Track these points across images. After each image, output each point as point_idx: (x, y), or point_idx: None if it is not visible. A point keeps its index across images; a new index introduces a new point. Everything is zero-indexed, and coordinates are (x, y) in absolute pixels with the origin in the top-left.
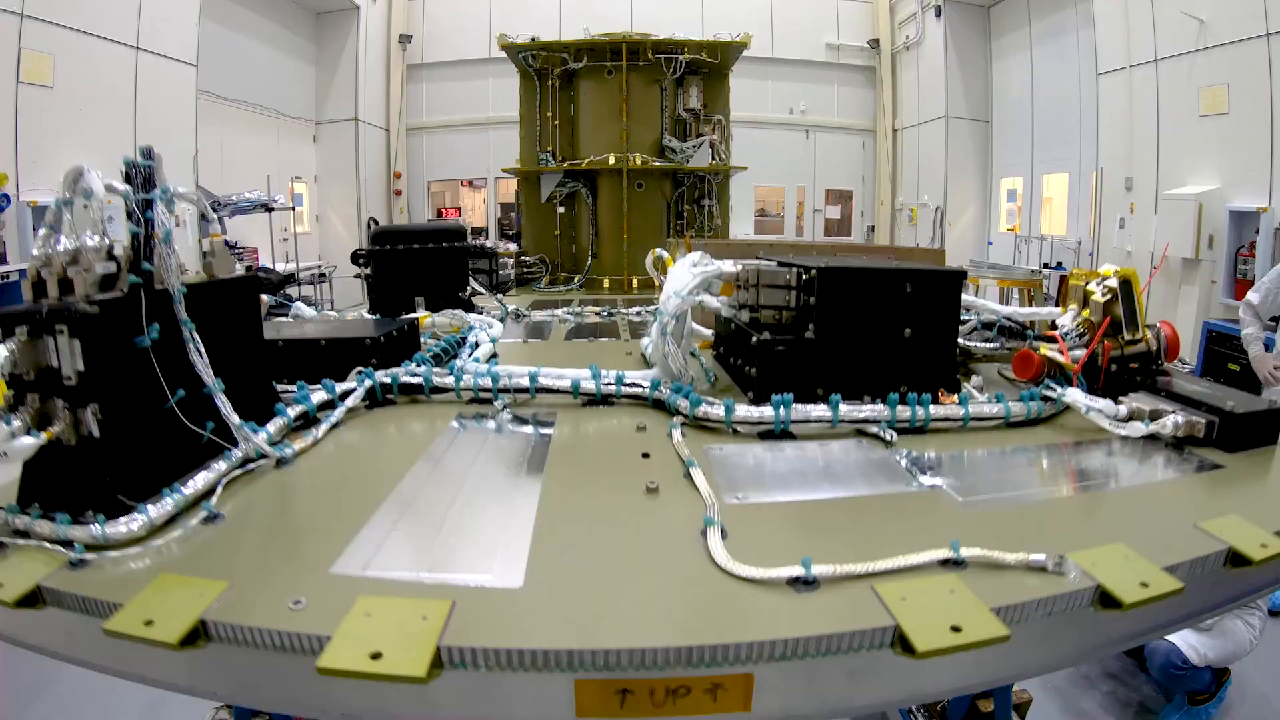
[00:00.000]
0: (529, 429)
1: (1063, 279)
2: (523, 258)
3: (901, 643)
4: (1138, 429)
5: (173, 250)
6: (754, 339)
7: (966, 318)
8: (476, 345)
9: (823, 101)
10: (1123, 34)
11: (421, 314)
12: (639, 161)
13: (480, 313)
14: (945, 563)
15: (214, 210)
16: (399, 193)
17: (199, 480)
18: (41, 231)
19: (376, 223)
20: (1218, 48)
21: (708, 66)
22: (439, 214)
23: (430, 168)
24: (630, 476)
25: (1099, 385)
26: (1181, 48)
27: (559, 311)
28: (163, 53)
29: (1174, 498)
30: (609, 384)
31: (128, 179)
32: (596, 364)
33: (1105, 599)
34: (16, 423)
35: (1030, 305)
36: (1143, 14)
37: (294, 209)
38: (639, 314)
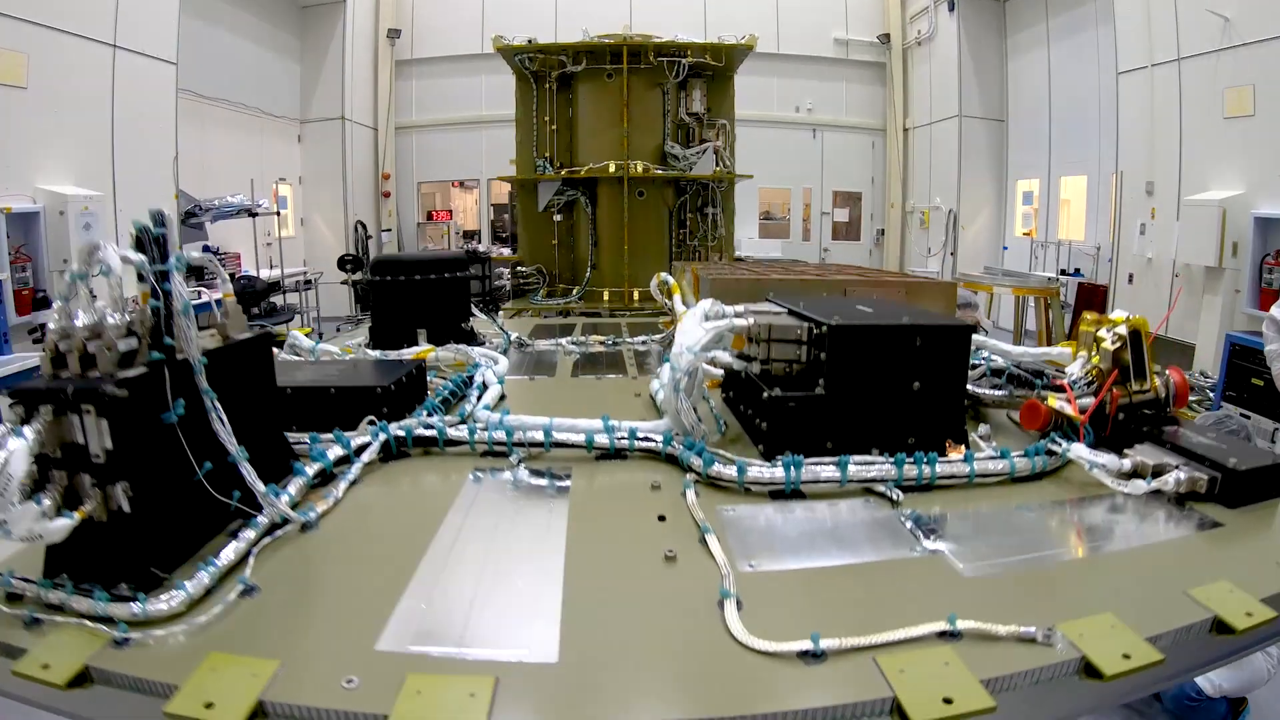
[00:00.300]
0: (545, 483)
1: (1075, 322)
2: (519, 268)
3: (899, 713)
4: (1140, 486)
5: (192, 321)
6: (765, 394)
7: (977, 361)
8: (484, 386)
9: (830, 99)
10: (1144, 31)
11: (424, 348)
12: (640, 169)
13: (483, 343)
14: (943, 634)
15: (195, 215)
16: (387, 195)
17: (230, 551)
18: (57, 304)
19: (364, 226)
20: (1243, 47)
21: (711, 69)
22: (429, 217)
23: (420, 168)
24: (649, 542)
25: (1106, 433)
26: (1205, 46)
27: (563, 341)
28: (141, 50)
29: (1170, 560)
30: (622, 438)
31: (139, 245)
32: (608, 415)
33: (1089, 669)
34: (47, 502)
35: (1047, 313)
36: (1165, 11)
37: (278, 213)
38: (644, 343)
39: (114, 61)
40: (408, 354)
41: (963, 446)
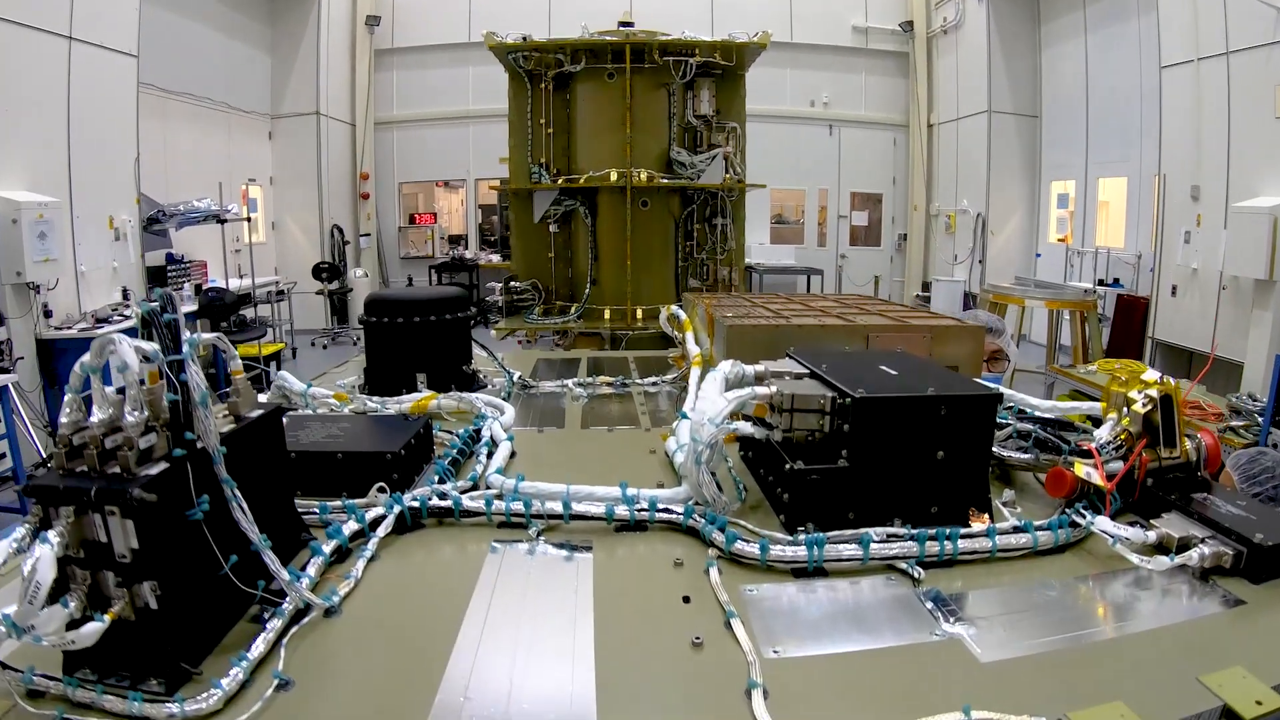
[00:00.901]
0: (565, 556)
1: (1113, 336)
2: (513, 283)
3: None
4: (1163, 563)
5: (209, 411)
6: (788, 466)
7: (1003, 418)
8: (493, 442)
9: (849, 92)
10: (1189, 22)
11: (425, 394)
12: (644, 178)
13: (484, 385)
14: None
15: (159, 220)
16: (366, 196)
17: (260, 643)
18: (68, 397)
19: (341, 231)
20: None
21: (721, 68)
22: (411, 220)
23: (402, 167)
24: (676, 626)
25: (1134, 497)
26: (1256, 39)
27: (569, 383)
28: (99, 43)
29: (1188, 641)
30: (642, 509)
31: (145, 328)
32: (625, 480)
33: None
34: (73, 604)
35: (1084, 328)
36: (1212, 1)
37: (249, 219)
38: (655, 385)
39: (70, 55)
40: (407, 401)
41: (986, 515)
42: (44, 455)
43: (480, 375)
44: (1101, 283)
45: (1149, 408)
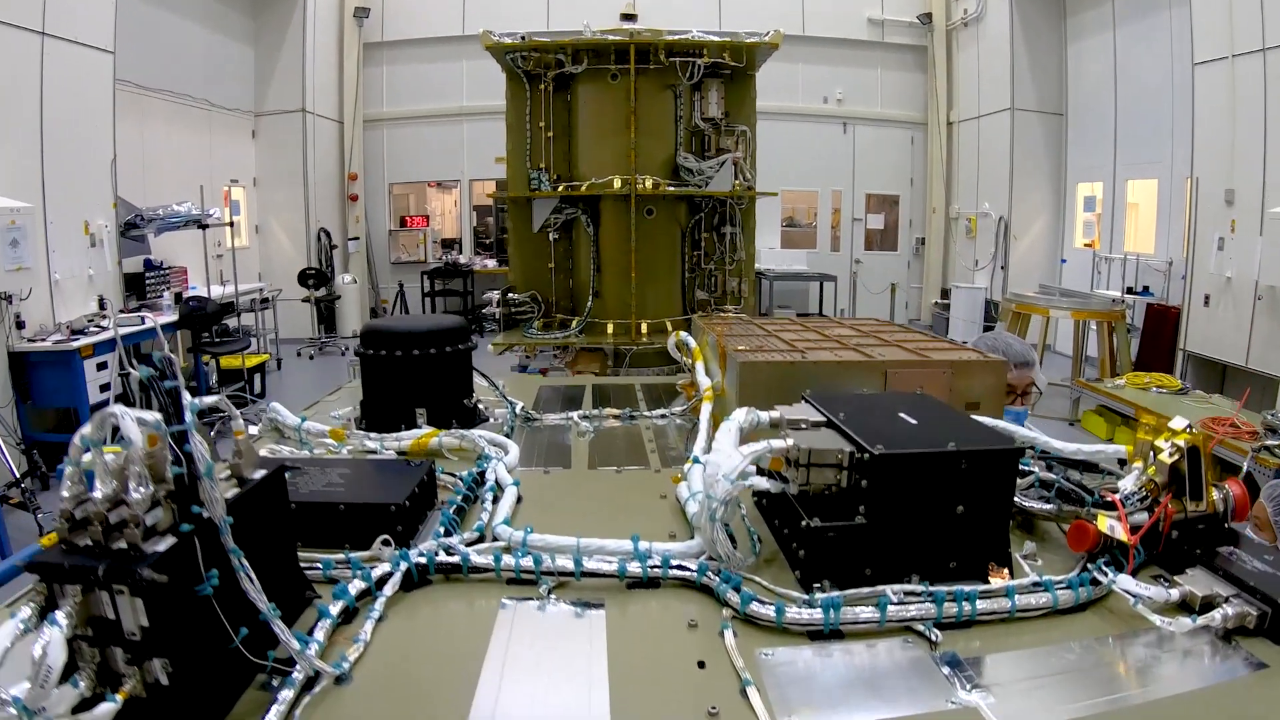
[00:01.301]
0: (577, 613)
1: (1142, 347)
2: (510, 295)
3: None
4: (1184, 625)
5: (215, 482)
6: (804, 523)
7: (1026, 464)
8: (498, 486)
9: (864, 88)
10: (1224, 16)
11: (425, 431)
12: (649, 185)
13: (487, 419)
14: None
15: (137, 225)
16: (354, 198)
17: (273, 716)
18: (69, 470)
19: (328, 235)
20: None
21: (729, 68)
22: (402, 223)
23: (392, 167)
24: (691, 694)
25: (1159, 549)
26: None
27: (574, 416)
28: (73, 38)
29: (1204, 708)
30: (655, 566)
31: (145, 393)
32: (637, 533)
33: None
34: (83, 683)
35: (1111, 338)
36: None
37: (230, 224)
38: (664, 417)
39: (42, 51)
40: (407, 438)
41: (1006, 571)
42: (16, 474)
43: (482, 408)
44: (1130, 291)
45: (1176, 457)
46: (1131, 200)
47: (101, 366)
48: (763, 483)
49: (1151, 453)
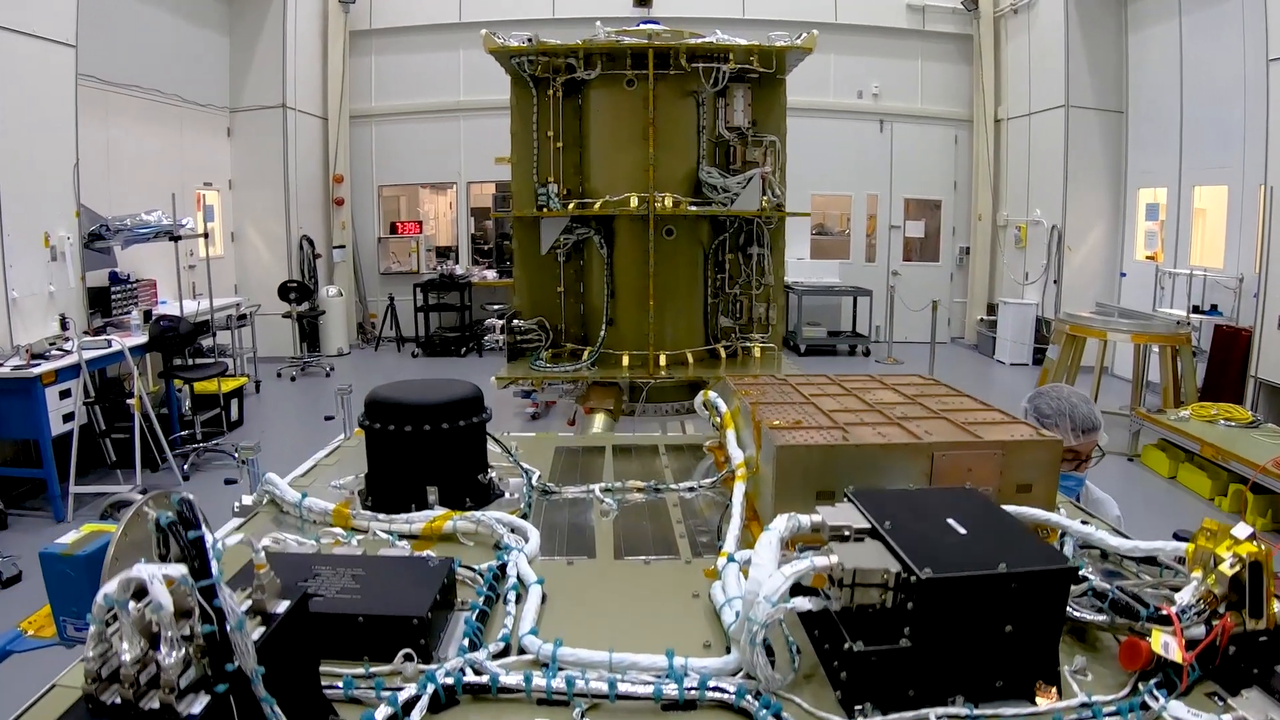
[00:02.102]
0: None
1: (1209, 373)
2: (515, 321)
3: None
4: None
5: (246, 634)
6: (846, 646)
7: (1080, 564)
8: (521, 585)
9: (903, 82)
10: None
11: (439, 513)
12: (669, 204)
13: (501, 493)
14: None
15: (102, 237)
16: (340, 202)
17: None
18: (93, 629)
19: (311, 243)
20: None
21: (757, 72)
22: (393, 229)
23: (381, 168)
24: None
25: (1215, 664)
26: None
27: (596, 489)
28: (32, 32)
29: None
30: (692, 688)
31: (162, 545)
32: (673, 649)
33: None
34: None
35: (1175, 363)
36: None
37: (205, 235)
38: (692, 490)
39: None
40: (418, 521)
41: (1054, 690)
42: None
43: (496, 479)
44: (1197, 309)
45: (1237, 569)
46: (1198, 206)
47: (65, 395)
48: (804, 604)
49: (1212, 562)
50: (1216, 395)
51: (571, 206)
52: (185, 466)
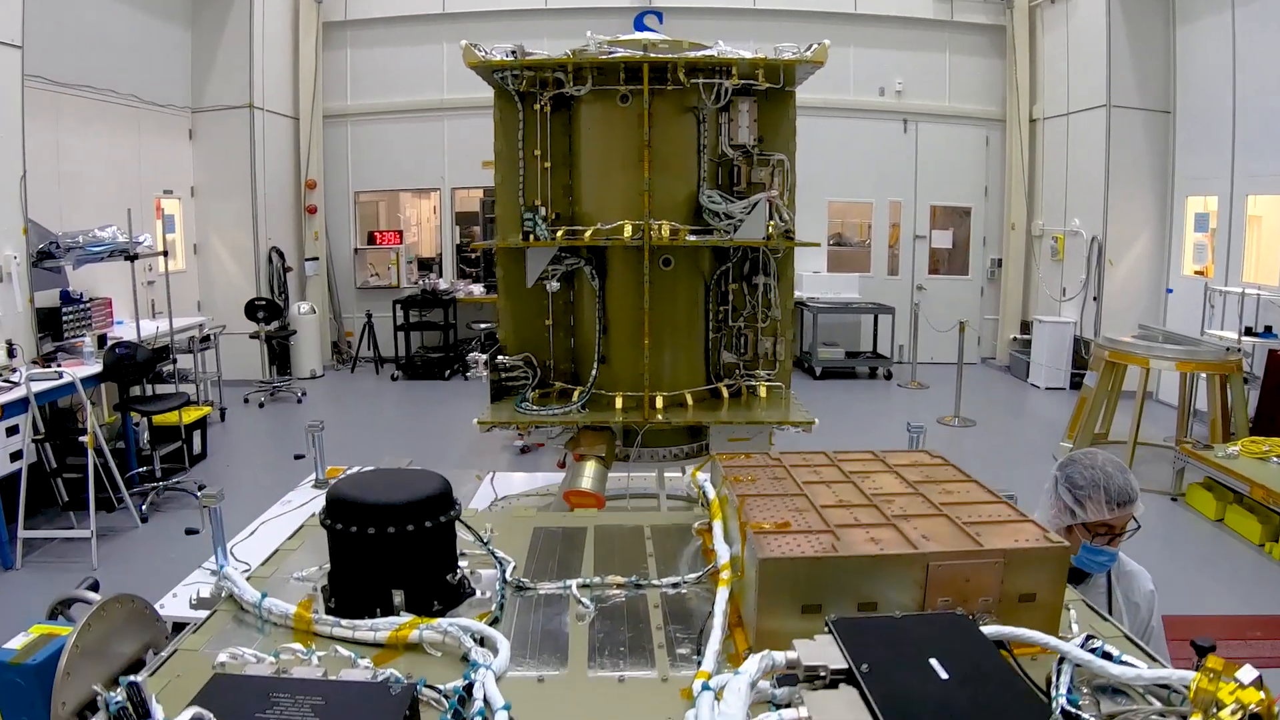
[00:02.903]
0: None
1: (1263, 402)
2: (500, 358)
3: None
4: None
5: None
6: None
7: (1075, 700)
8: (488, 709)
9: (928, 78)
10: None
11: (404, 620)
12: (666, 233)
13: (473, 591)
14: None
15: (52, 255)
16: (313, 210)
17: None
18: None
19: (281, 255)
20: None
21: (764, 86)
22: (371, 239)
23: (358, 173)
24: None
25: None
26: None
27: (573, 586)
28: None
29: None
30: None
31: None
32: None
33: None
34: None
35: (1225, 392)
36: None
37: (164, 253)
38: (675, 587)
39: None
40: (384, 628)
41: None
42: None
43: (467, 577)
44: (1249, 331)
45: (1238, 717)
46: (1252, 216)
47: (12, 431)
48: None
49: (1214, 707)
50: (1270, 428)
51: (560, 234)
52: (143, 508)
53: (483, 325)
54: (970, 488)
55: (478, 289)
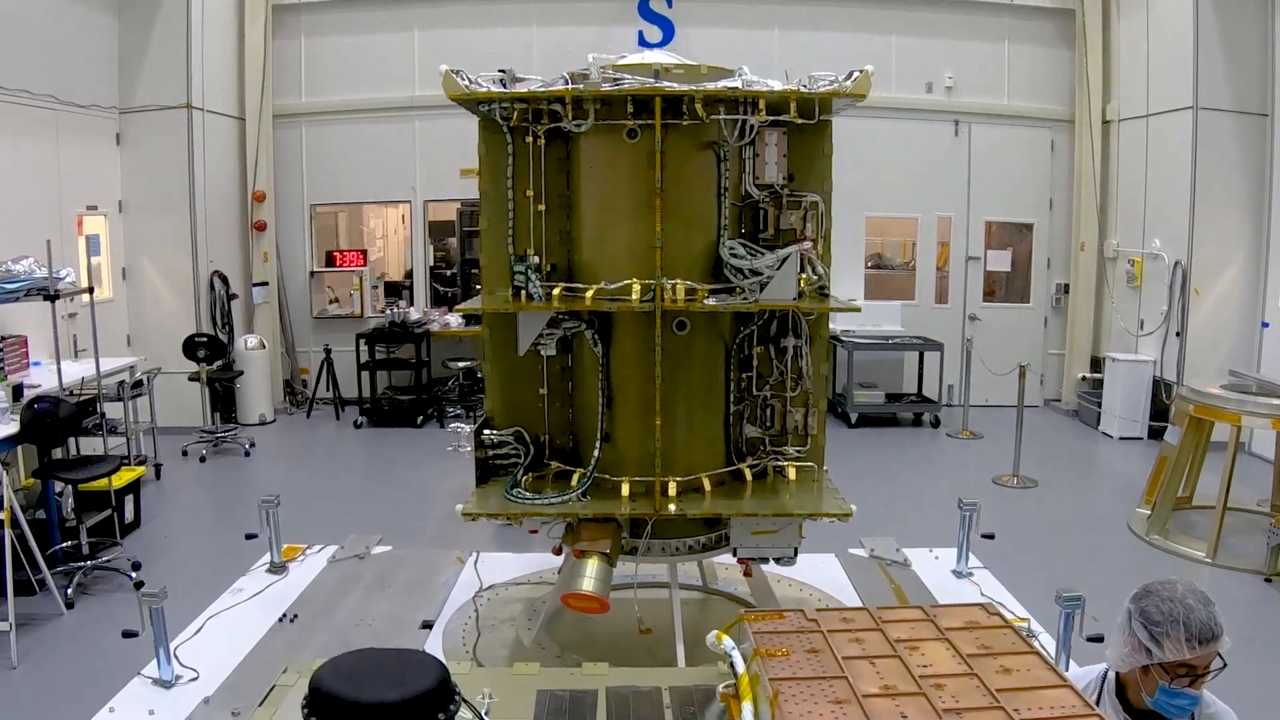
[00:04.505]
0: None
1: None
2: (486, 432)
3: None
4: None
5: None
6: None
7: None
8: None
9: (984, 72)
10: None
11: None
12: (680, 295)
13: None
14: None
15: None
16: (261, 226)
17: None
18: None
19: (225, 280)
20: None
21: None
22: (329, 260)
23: (314, 182)
24: None
25: None
26: None
27: None
28: None
29: None
30: None
31: None
32: None
33: None
34: None
35: None
36: None
37: (90, 289)
38: None
39: None
40: None
41: None
42: None
43: None
44: None
45: None
46: None
47: None
48: None
49: None
50: None
51: (557, 294)
52: (69, 591)
53: (461, 363)
54: (1031, 663)
55: (454, 319)
